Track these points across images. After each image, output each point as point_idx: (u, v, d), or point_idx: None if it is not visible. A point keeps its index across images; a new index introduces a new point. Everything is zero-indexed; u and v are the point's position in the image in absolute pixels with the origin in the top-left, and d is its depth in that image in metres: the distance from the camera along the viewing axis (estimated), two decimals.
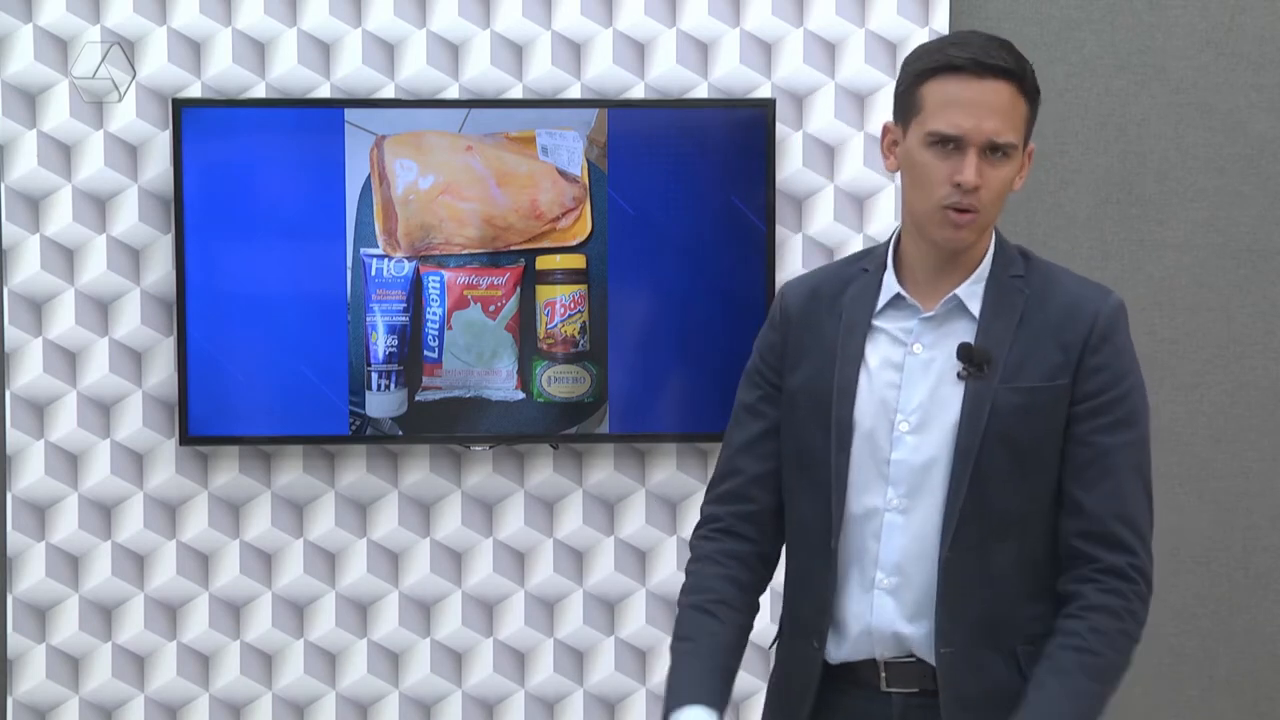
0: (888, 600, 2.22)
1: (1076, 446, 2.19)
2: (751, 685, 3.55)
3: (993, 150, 2.15)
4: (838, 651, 2.26)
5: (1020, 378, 2.19)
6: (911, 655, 2.23)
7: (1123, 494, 2.19)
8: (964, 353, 2.18)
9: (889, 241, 2.31)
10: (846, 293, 2.29)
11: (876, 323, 2.26)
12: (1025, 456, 2.19)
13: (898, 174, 2.27)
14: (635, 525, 3.69)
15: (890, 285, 2.26)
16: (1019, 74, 2.16)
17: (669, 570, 3.68)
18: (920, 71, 2.18)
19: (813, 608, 2.27)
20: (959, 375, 2.19)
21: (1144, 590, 2.19)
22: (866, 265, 2.31)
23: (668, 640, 3.86)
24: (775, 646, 2.39)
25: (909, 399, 2.22)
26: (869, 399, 2.23)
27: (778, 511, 2.34)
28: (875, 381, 2.23)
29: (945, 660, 2.20)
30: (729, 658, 2.28)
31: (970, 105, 2.13)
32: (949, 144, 2.15)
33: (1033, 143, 2.22)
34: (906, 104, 2.20)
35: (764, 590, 2.37)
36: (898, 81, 2.25)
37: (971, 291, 2.23)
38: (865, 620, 2.23)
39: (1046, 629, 2.20)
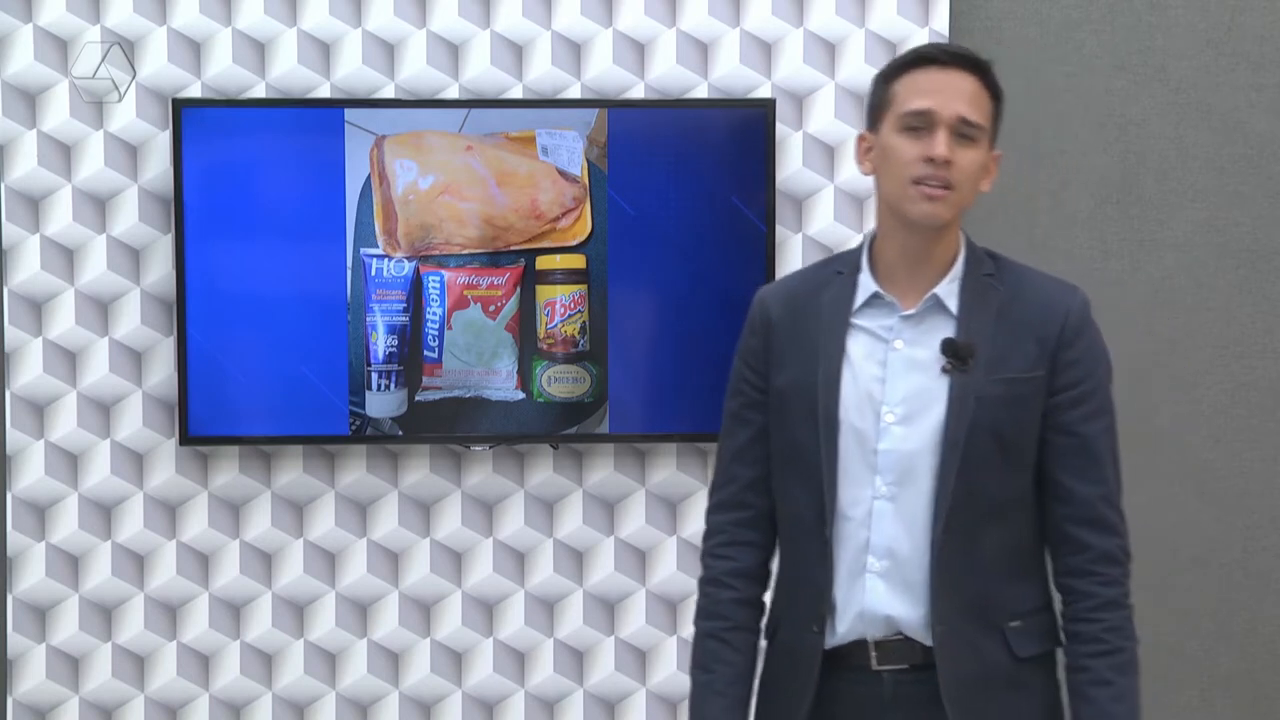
0: (879, 583, 2.32)
1: (1060, 435, 2.34)
2: None
3: (962, 134, 2.28)
4: (831, 637, 2.35)
5: (1001, 369, 2.31)
6: (900, 634, 2.33)
7: (1105, 478, 2.35)
8: (948, 347, 2.31)
9: (862, 245, 2.42)
10: (823, 295, 2.40)
11: (856, 320, 2.37)
12: (1008, 444, 2.31)
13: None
14: (635, 525, 3.69)
15: (867, 284, 2.37)
16: (984, 68, 2.33)
17: (669, 570, 3.68)
18: (890, 71, 2.37)
19: (811, 596, 2.36)
20: (943, 369, 2.31)
21: (1129, 567, 2.37)
22: (840, 268, 2.42)
23: (668, 640, 3.85)
24: (770, 642, 2.46)
25: (894, 391, 2.32)
26: (854, 392, 2.33)
27: (774, 510, 2.45)
28: (859, 375, 2.34)
29: (940, 638, 2.31)
30: (745, 686, 2.44)
31: (940, 89, 2.29)
32: (920, 127, 2.28)
33: (999, 150, 2.35)
34: (879, 105, 2.36)
35: (769, 582, 2.49)
36: (869, 94, 2.40)
37: (949, 290, 2.35)
38: (858, 603, 2.33)
39: (1032, 606, 2.36)
